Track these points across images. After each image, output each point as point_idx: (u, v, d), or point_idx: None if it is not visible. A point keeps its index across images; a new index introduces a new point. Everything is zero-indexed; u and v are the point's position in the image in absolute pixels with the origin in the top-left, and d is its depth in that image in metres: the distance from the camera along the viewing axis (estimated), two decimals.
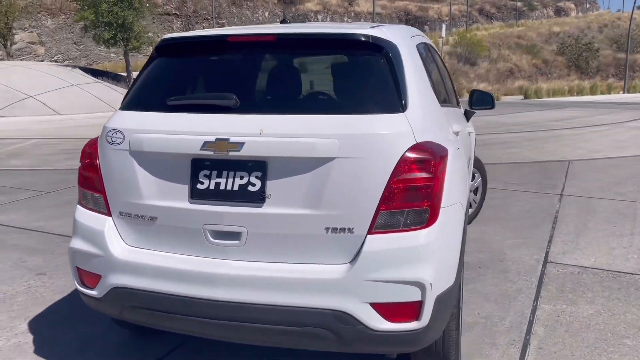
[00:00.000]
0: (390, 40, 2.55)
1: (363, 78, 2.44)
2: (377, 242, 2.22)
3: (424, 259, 2.23)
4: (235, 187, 2.32)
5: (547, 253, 4.64)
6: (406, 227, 2.24)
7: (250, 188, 2.31)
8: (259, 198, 2.30)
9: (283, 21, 3.16)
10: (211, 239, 2.36)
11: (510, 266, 4.34)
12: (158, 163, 2.43)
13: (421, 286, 2.22)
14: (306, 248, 2.28)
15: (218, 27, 39.25)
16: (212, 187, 2.35)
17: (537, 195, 6.69)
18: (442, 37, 40.40)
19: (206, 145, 2.31)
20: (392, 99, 2.36)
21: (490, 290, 3.89)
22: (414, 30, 3.15)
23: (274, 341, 2.35)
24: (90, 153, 2.61)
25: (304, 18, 48.53)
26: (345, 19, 52.57)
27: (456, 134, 3.00)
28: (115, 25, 21.32)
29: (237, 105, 2.36)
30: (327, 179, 2.24)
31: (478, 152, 9.65)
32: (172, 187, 2.41)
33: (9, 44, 24.24)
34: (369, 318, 2.22)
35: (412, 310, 2.24)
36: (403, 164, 2.23)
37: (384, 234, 2.23)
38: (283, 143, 2.25)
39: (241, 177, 2.31)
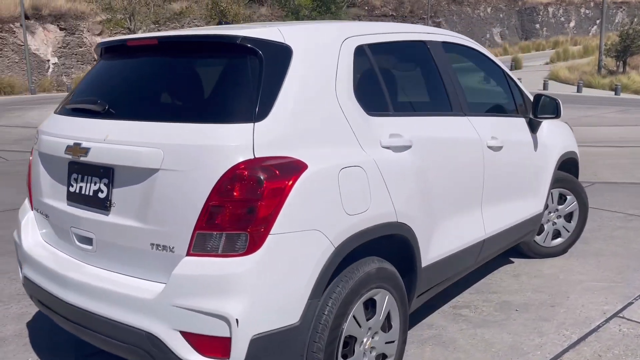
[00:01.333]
0: (282, 42, 2.27)
1: (219, 83, 2.22)
2: (189, 266, 2.02)
3: (234, 291, 1.96)
4: (90, 193, 2.33)
5: (627, 305, 3.62)
6: (224, 253, 1.99)
7: (99, 195, 2.29)
8: (104, 206, 2.27)
9: (219, 23, 3.02)
10: (76, 242, 2.40)
11: (558, 314, 3.50)
12: (50, 164, 2.56)
13: (227, 321, 1.95)
14: (138, 262, 2.18)
15: (433, 25, 38.72)
16: (77, 190, 2.39)
17: None
18: None
19: (67, 149, 2.37)
20: (243, 108, 2.10)
21: (501, 339, 3.19)
22: (363, 29, 2.69)
23: (117, 353, 2.29)
24: (31, 151, 2.86)
25: (531, 12, 45.08)
26: (583, 10, 47.38)
27: (394, 148, 2.53)
28: None
29: (104, 110, 2.35)
30: (152, 192, 2.11)
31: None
32: (59, 187, 2.51)
33: None
34: (179, 347, 2.03)
35: (221, 346, 1.98)
36: (224, 182, 1.98)
37: (200, 257, 2.02)
38: (119, 151, 2.19)
39: (95, 183, 2.31)
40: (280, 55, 2.25)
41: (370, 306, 2.45)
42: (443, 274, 3.02)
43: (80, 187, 2.37)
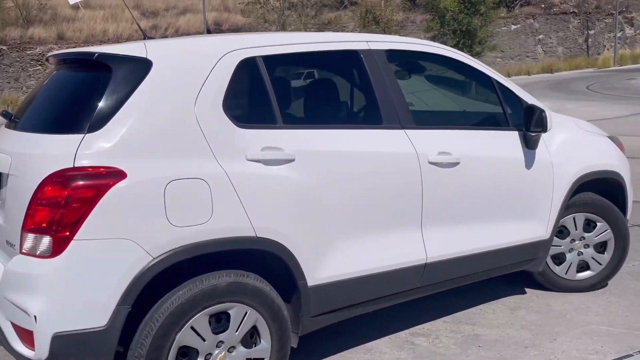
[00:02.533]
0: (142, 57, 2.39)
1: (68, 97, 2.46)
2: (15, 263, 2.25)
3: (36, 289, 2.15)
4: None
5: (623, 357, 3.01)
6: (39, 254, 2.18)
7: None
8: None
9: (144, 38, 3.15)
10: None
11: (524, 357, 3.04)
12: None
13: (29, 316, 2.14)
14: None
15: (624, 22, 34.49)
16: None
17: None
18: None
19: None
20: (77, 120, 2.27)
21: None
22: (261, 41, 2.64)
23: None
24: None
25: None
26: None
27: (266, 161, 2.47)
28: (459, 32, 22.14)
29: (12, 120, 2.67)
30: (7, 194, 2.37)
31: None
32: None
33: None
34: (10, 336, 2.27)
35: (29, 338, 2.18)
36: (40, 188, 2.17)
37: (24, 256, 2.23)
38: None
39: None
40: (133, 69, 2.36)
41: (225, 320, 2.43)
42: (352, 295, 2.82)
43: None
